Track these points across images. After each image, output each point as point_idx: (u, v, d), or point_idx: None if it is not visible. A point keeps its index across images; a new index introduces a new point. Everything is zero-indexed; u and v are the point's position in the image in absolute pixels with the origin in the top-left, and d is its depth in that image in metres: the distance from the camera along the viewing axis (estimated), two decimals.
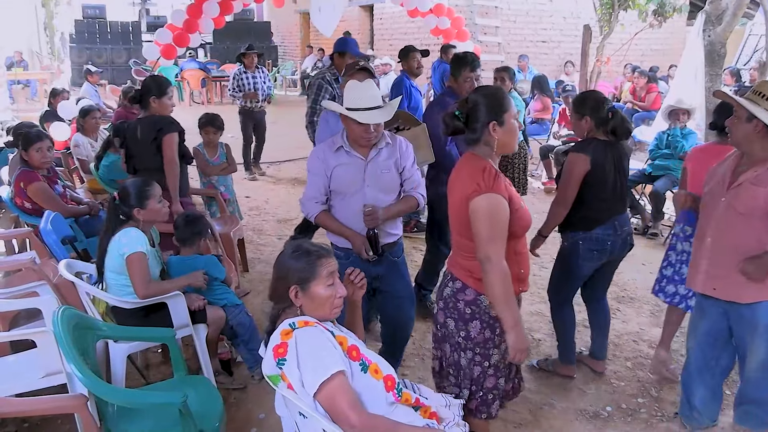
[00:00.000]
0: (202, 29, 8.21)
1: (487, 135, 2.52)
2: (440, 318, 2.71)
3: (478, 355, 2.64)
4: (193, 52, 16.95)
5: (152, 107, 4.33)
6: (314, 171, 3.15)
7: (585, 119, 3.52)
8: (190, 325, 3.32)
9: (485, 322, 2.59)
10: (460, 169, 2.61)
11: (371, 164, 3.09)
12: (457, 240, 2.63)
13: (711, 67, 7.56)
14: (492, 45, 13.47)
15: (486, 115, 2.51)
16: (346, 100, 3.01)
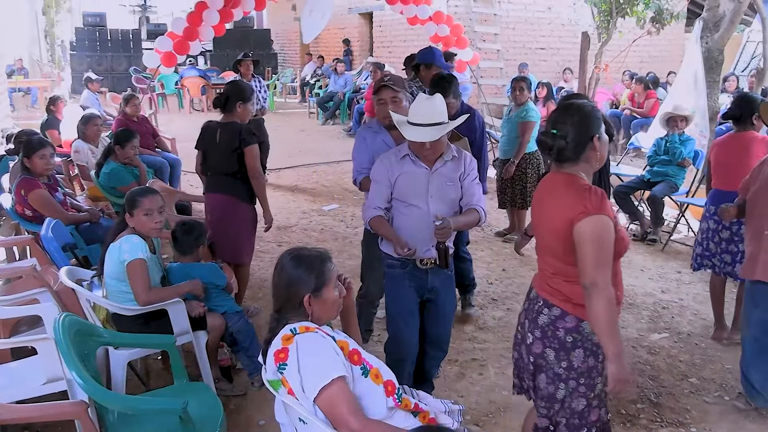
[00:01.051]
0: (202, 37, 8.24)
1: (589, 151, 2.40)
2: (537, 348, 2.51)
3: (582, 386, 2.48)
4: (193, 59, 16.99)
5: (237, 112, 4.35)
6: (377, 178, 3.15)
7: None
8: (190, 332, 3.33)
9: (588, 349, 2.44)
10: (554, 188, 2.46)
11: (436, 175, 3.08)
12: (554, 264, 2.47)
13: (709, 73, 7.59)
14: (491, 52, 13.52)
15: (588, 130, 2.38)
16: (409, 113, 3.06)
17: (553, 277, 2.48)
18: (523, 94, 6.28)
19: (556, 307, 2.46)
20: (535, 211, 2.59)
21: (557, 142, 2.39)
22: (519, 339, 2.66)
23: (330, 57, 17.92)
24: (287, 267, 2.28)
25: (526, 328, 2.57)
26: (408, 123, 3.00)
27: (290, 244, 6.40)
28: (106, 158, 5.53)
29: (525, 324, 2.59)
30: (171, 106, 16.40)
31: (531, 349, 2.54)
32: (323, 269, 2.26)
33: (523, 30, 14.46)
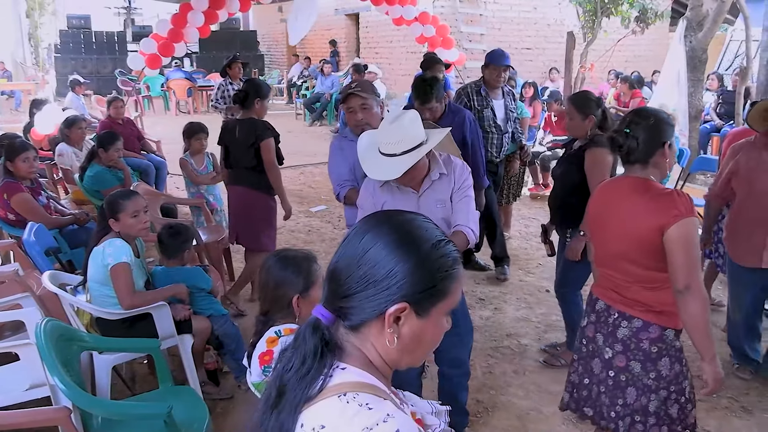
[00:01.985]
0: (187, 39, 8.22)
1: (659, 157, 2.39)
2: (619, 362, 2.47)
3: (674, 393, 2.47)
4: (178, 61, 16.91)
5: (255, 108, 4.54)
6: (363, 206, 2.85)
7: (590, 118, 3.73)
8: (175, 336, 3.30)
9: (673, 356, 2.45)
10: (625, 193, 2.42)
11: (424, 199, 2.75)
12: (631, 271, 2.42)
13: (693, 72, 7.66)
14: (477, 52, 13.54)
15: (661, 135, 2.38)
16: (378, 140, 2.64)
17: (630, 286, 2.44)
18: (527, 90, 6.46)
19: (637, 318, 2.43)
20: (598, 219, 2.52)
21: (629, 142, 2.39)
22: (588, 353, 2.60)
23: (317, 58, 17.91)
24: (274, 269, 2.28)
25: (601, 343, 2.53)
26: (380, 153, 2.61)
27: (277, 245, 6.37)
28: (90, 161, 5.48)
29: (597, 338, 2.55)
30: (157, 109, 16.33)
31: (611, 363, 2.50)
32: (310, 270, 2.27)
33: (509, 30, 14.51)
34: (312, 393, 1.12)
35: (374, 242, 1.17)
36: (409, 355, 1.21)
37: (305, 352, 1.15)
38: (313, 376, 1.13)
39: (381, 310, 1.15)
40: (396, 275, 1.14)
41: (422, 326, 1.18)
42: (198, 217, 5.44)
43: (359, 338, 1.19)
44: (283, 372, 1.16)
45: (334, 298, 1.19)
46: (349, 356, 1.18)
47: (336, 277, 1.19)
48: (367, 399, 1.10)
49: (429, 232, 1.20)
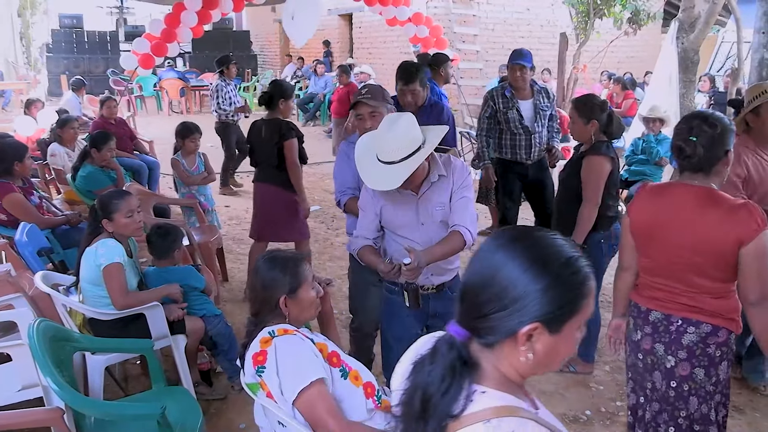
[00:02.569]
0: (180, 39, 8.19)
1: (721, 165, 2.36)
2: (683, 371, 2.44)
3: (725, 396, 2.49)
4: (171, 61, 16.86)
5: (279, 108, 4.71)
6: (364, 207, 2.85)
7: (592, 123, 3.67)
8: (168, 336, 3.30)
9: (730, 360, 2.45)
10: (691, 204, 2.37)
11: (423, 201, 2.72)
12: (700, 283, 2.38)
13: (685, 74, 7.68)
14: (470, 53, 13.57)
15: (725, 143, 2.35)
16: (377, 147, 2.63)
17: (695, 296, 2.40)
18: None
19: (706, 323, 2.39)
20: (651, 229, 2.47)
21: (697, 150, 2.34)
22: (645, 367, 2.55)
23: (310, 58, 17.89)
24: (262, 269, 2.29)
25: (662, 352, 2.48)
26: (378, 160, 2.59)
27: (270, 245, 6.36)
28: (82, 161, 5.46)
29: (656, 349, 2.50)
30: (149, 109, 16.26)
31: (674, 372, 2.46)
32: (298, 270, 2.27)
33: (502, 31, 14.54)
34: (455, 412, 1.15)
35: (506, 262, 1.18)
36: (545, 367, 1.24)
37: (443, 370, 1.18)
38: (454, 395, 1.16)
39: (514, 330, 1.17)
40: (529, 296, 1.16)
41: (555, 342, 1.20)
42: (190, 217, 5.43)
43: (494, 354, 1.21)
44: (425, 386, 1.19)
45: (468, 317, 1.22)
46: (487, 376, 1.21)
47: (469, 296, 1.22)
48: (512, 424, 1.13)
49: (560, 250, 1.21)
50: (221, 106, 8.13)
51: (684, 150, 2.36)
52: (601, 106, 3.71)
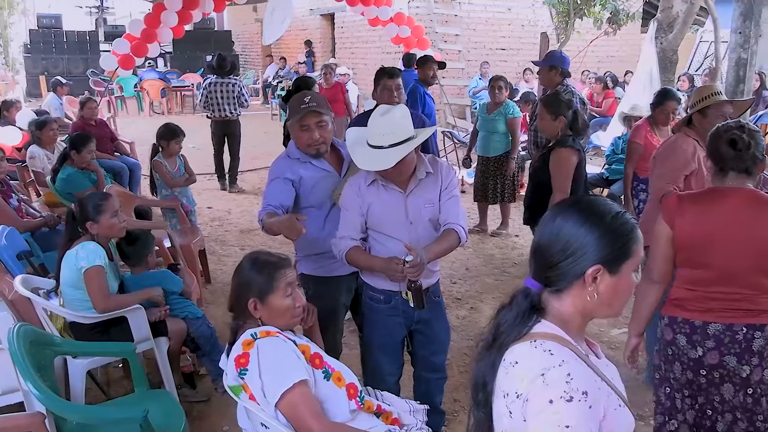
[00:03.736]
0: (160, 39, 8.14)
1: (760, 167, 2.43)
2: (756, 376, 2.43)
3: None
4: (152, 61, 16.74)
5: None
6: (348, 206, 2.75)
7: (560, 119, 3.87)
8: (150, 339, 3.28)
9: None
10: (752, 207, 2.40)
11: (411, 198, 2.70)
12: (763, 283, 2.40)
13: (664, 73, 7.78)
14: (452, 52, 13.61)
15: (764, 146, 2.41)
16: (368, 132, 2.62)
17: (758, 298, 2.40)
18: (502, 93, 6.52)
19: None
20: (705, 239, 2.44)
21: (744, 155, 2.41)
22: (711, 382, 2.51)
23: (292, 58, 17.85)
24: (242, 267, 2.28)
25: (735, 363, 2.45)
26: (368, 145, 2.60)
27: (253, 247, 6.34)
28: (62, 163, 5.41)
29: (727, 362, 2.45)
30: (130, 109, 16.11)
31: (750, 380, 2.44)
32: (273, 275, 2.22)
33: (483, 31, 14.61)
34: (516, 337, 1.44)
35: (566, 221, 1.44)
36: (608, 308, 1.48)
37: (517, 312, 1.47)
38: (520, 328, 1.45)
39: (581, 273, 1.42)
40: (588, 244, 1.41)
41: (616, 282, 1.44)
42: (171, 219, 5.40)
43: (560, 299, 1.47)
44: (499, 324, 1.49)
45: (541, 270, 1.48)
46: (549, 315, 1.47)
47: (540, 253, 1.48)
48: (551, 346, 1.40)
49: (608, 206, 1.46)
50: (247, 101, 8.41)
51: (737, 142, 2.40)
52: (568, 104, 3.92)
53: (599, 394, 1.37)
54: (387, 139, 2.53)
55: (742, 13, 6.11)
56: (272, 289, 2.21)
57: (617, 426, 1.40)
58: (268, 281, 2.21)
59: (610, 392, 1.42)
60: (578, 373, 1.36)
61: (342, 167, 3.06)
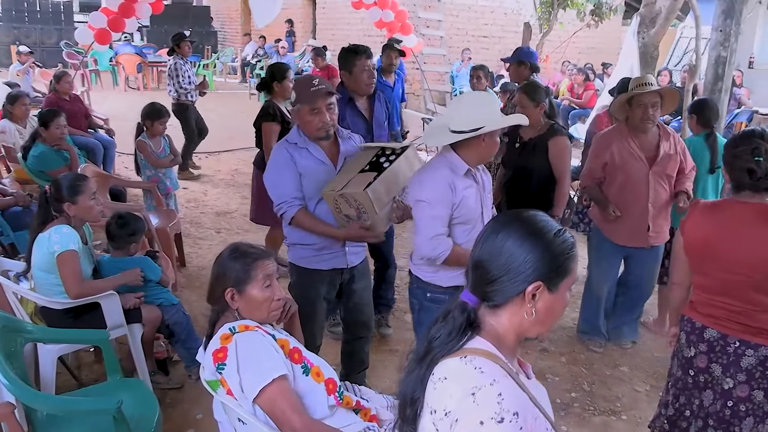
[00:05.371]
0: (138, 14, 7.93)
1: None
2: (741, 392, 2.44)
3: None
4: (128, 35, 16.37)
5: (275, 92, 4.80)
6: (438, 201, 2.66)
7: (540, 106, 3.97)
8: (124, 325, 3.22)
9: None
10: (760, 222, 2.37)
11: (481, 187, 2.79)
12: (763, 300, 2.39)
13: (644, 68, 7.80)
14: (434, 38, 13.54)
15: None
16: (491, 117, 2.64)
17: (756, 314, 2.39)
18: (480, 82, 6.58)
19: (765, 346, 2.39)
20: (710, 246, 2.45)
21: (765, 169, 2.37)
22: (695, 384, 2.55)
23: (272, 37, 17.59)
24: (222, 256, 2.27)
25: (719, 373, 2.47)
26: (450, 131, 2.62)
27: (229, 230, 6.29)
28: (33, 140, 5.27)
29: (713, 369, 2.49)
30: (105, 83, 15.77)
31: (731, 394, 2.46)
32: (252, 265, 2.20)
33: (466, 17, 14.55)
34: (448, 354, 1.42)
35: (508, 237, 1.43)
36: (541, 326, 1.47)
37: (452, 328, 1.44)
38: (453, 344, 1.42)
39: (521, 290, 1.41)
40: (530, 261, 1.41)
41: (553, 300, 1.45)
42: (150, 200, 5.31)
43: (496, 316, 1.46)
44: (432, 339, 1.46)
45: (480, 285, 1.46)
46: (483, 331, 1.45)
47: (480, 268, 1.46)
48: (481, 363, 1.38)
49: (549, 223, 1.46)
50: (182, 85, 7.92)
51: (756, 172, 2.37)
52: (546, 91, 4.05)
53: (528, 416, 1.34)
54: (465, 124, 2.59)
55: (723, 11, 6.15)
56: (249, 278, 2.19)
57: None
58: (245, 270, 2.19)
59: (538, 414, 1.40)
60: (509, 393, 1.33)
61: (338, 160, 3.03)
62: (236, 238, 5.91)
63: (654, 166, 3.79)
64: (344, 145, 3.07)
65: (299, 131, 3.01)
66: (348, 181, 2.86)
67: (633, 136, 3.83)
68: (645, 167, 3.80)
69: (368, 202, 2.77)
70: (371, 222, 2.86)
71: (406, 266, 3.20)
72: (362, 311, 3.32)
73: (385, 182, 2.82)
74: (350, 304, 3.28)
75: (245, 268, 2.19)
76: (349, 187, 2.82)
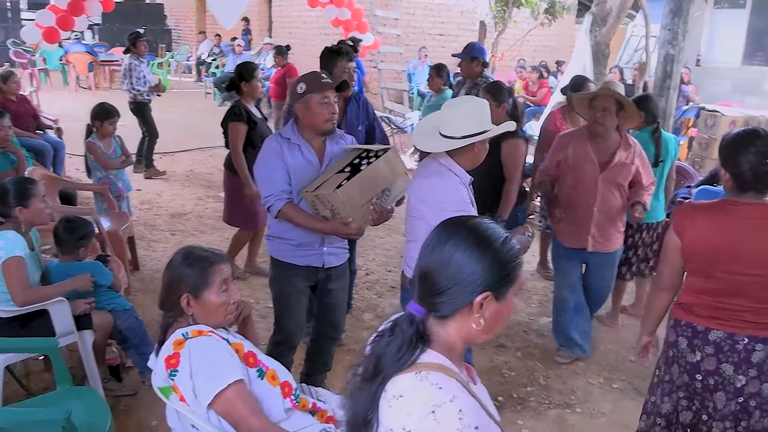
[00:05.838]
0: (88, 12, 7.74)
1: None
2: (752, 388, 2.44)
3: None
4: (79, 34, 15.97)
5: (243, 92, 4.77)
6: (464, 204, 2.79)
7: (503, 105, 4.00)
8: (74, 332, 3.15)
9: None
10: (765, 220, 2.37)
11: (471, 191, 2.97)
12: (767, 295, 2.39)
13: (597, 66, 7.96)
14: (391, 37, 13.56)
15: None
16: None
17: (762, 310, 2.40)
18: (434, 81, 6.73)
19: None
20: (721, 251, 2.41)
21: None
22: (706, 387, 2.52)
23: (227, 35, 17.38)
24: (175, 262, 2.22)
25: (731, 372, 2.46)
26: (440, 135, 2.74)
27: (184, 232, 6.20)
28: None
29: (723, 369, 2.47)
30: (55, 83, 15.36)
31: (743, 391, 2.45)
32: (208, 270, 2.17)
33: (422, 16, 14.60)
34: (400, 370, 1.39)
35: (456, 247, 1.41)
36: (488, 333, 1.48)
37: (402, 342, 1.41)
38: (405, 359, 1.39)
39: (469, 301, 1.40)
40: (478, 271, 1.40)
41: (500, 307, 1.44)
42: (102, 203, 5.19)
43: (445, 326, 1.45)
44: (380, 354, 1.42)
45: (427, 296, 1.44)
46: (434, 342, 1.44)
47: (427, 279, 1.44)
48: (438, 379, 1.36)
49: (495, 231, 1.45)
50: (135, 86, 7.78)
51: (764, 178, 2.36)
52: (509, 91, 4.09)
53: (483, 426, 1.36)
54: (459, 130, 2.69)
55: (671, 10, 6.31)
56: (206, 284, 2.16)
57: None
58: (202, 276, 2.16)
59: (489, 422, 1.42)
60: (468, 408, 1.35)
61: (324, 160, 3.03)
62: (192, 240, 5.84)
63: (605, 172, 3.76)
64: (331, 146, 3.06)
65: (294, 127, 3.02)
66: (324, 181, 2.89)
67: (591, 139, 3.81)
68: (596, 171, 3.77)
69: (339, 203, 2.78)
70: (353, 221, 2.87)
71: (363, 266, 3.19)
72: (334, 311, 3.32)
73: (360, 184, 2.82)
74: (323, 303, 3.30)
75: (202, 273, 2.16)
76: (323, 188, 2.86)
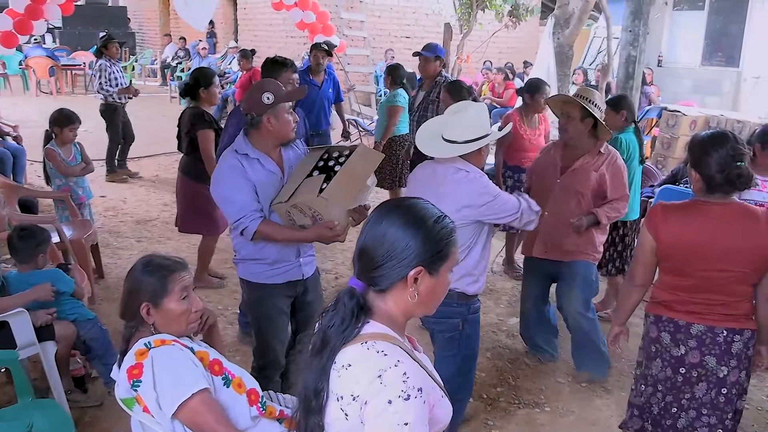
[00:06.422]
0: (47, 16, 7.61)
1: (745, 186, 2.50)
2: (733, 377, 2.56)
3: (745, 391, 2.64)
4: (39, 38, 15.65)
5: (201, 98, 4.70)
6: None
7: None
8: (36, 344, 3.08)
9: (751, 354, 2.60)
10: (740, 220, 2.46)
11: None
12: (742, 291, 2.51)
13: (560, 67, 8.07)
14: (357, 39, 13.58)
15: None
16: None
17: (738, 303, 2.52)
18: (386, 79, 6.61)
19: (747, 329, 2.53)
20: (696, 248, 2.49)
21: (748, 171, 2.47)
22: (687, 380, 2.61)
23: (192, 38, 17.20)
24: (135, 270, 2.19)
25: (714, 364, 2.55)
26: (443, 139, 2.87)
27: (150, 239, 6.11)
28: None
29: (707, 361, 2.56)
30: (14, 88, 15.02)
31: (726, 381, 2.56)
32: (168, 278, 2.14)
33: (388, 18, 14.64)
34: (346, 341, 1.48)
35: (390, 225, 1.51)
36: (425, 307, 1.58)
37: (344, 315, 1.50)
38: (350, 331, 1.49)
39: (404, 275, 1.50)
40: (411, 247, 1.49)
41: (435, 283, 1.54)
42: (63, 211, 5.09)
43: (384, 299, 1.55)
44: (326, 328, 1.52)
45: (365, 271, 1.53)
46: (375, 314, 1.54)
47: (365, 255, 1.53)
48: (383, 347, 1.47)
49: (429, 210, 1.55)
50: (103, 87, 7.70)
51: (743, 176, 2.45)
52: (469, 90, 4.18)
53: (427, 388, 1.45)
54: (469, 134, 2.80)
55: (632, 12, 6.43)
56: (166, 292, 2.13)
57: (441, 415, 1.52)
58: (161, 284, 2.13)
59: (433, 386, 1.51)
60: (412, 372, 1.44)
61: (284, 169, 2.90)
62: (158, 247, 5.75)
63: (562, 177, 3.72)
64: (286, 153, 2.93)
65: (246, 140, 2.82)
66: (295, 189, 2.75)
67: (563, 145, 3.80)
68: (556, 176, 3.75)
69: (323, 207, 2.67)
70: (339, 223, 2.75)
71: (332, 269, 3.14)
72: (312, 324, 3.21)
73: (342, 184, 2.70)
74: (300, 317, 3.17)
75: (161, 281, 2.13)
76: (300, 195, 2.71)
